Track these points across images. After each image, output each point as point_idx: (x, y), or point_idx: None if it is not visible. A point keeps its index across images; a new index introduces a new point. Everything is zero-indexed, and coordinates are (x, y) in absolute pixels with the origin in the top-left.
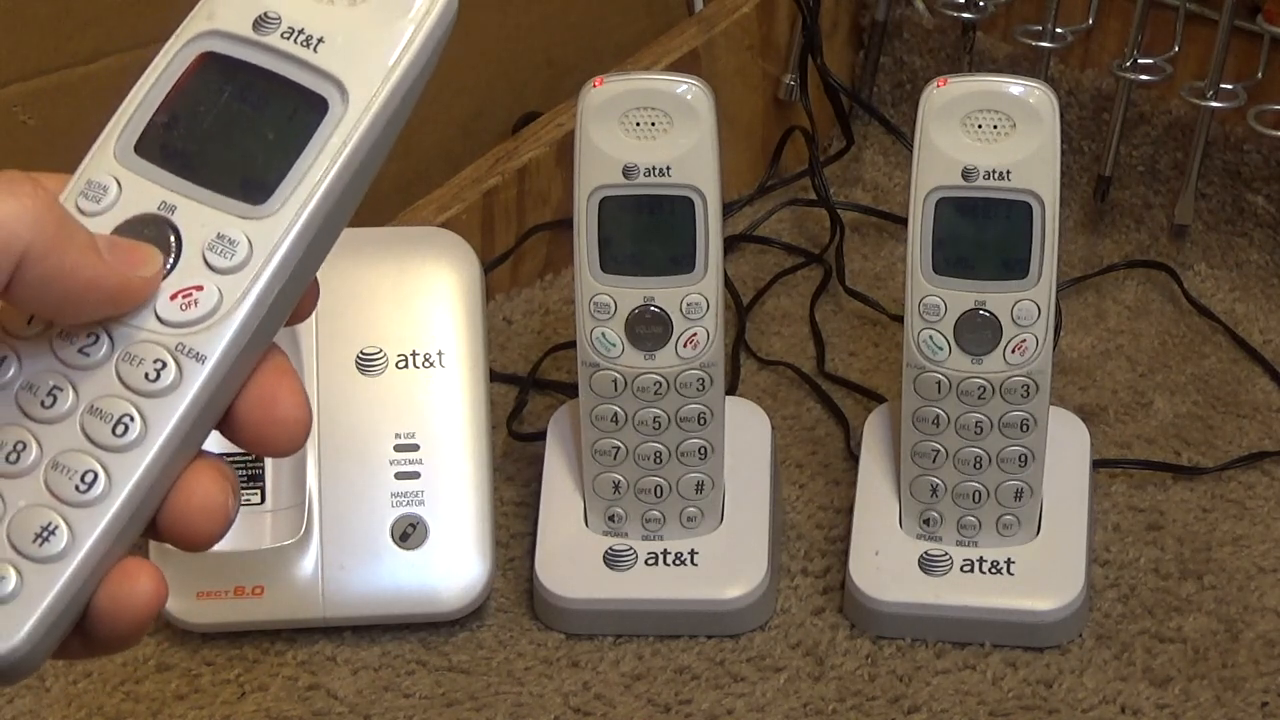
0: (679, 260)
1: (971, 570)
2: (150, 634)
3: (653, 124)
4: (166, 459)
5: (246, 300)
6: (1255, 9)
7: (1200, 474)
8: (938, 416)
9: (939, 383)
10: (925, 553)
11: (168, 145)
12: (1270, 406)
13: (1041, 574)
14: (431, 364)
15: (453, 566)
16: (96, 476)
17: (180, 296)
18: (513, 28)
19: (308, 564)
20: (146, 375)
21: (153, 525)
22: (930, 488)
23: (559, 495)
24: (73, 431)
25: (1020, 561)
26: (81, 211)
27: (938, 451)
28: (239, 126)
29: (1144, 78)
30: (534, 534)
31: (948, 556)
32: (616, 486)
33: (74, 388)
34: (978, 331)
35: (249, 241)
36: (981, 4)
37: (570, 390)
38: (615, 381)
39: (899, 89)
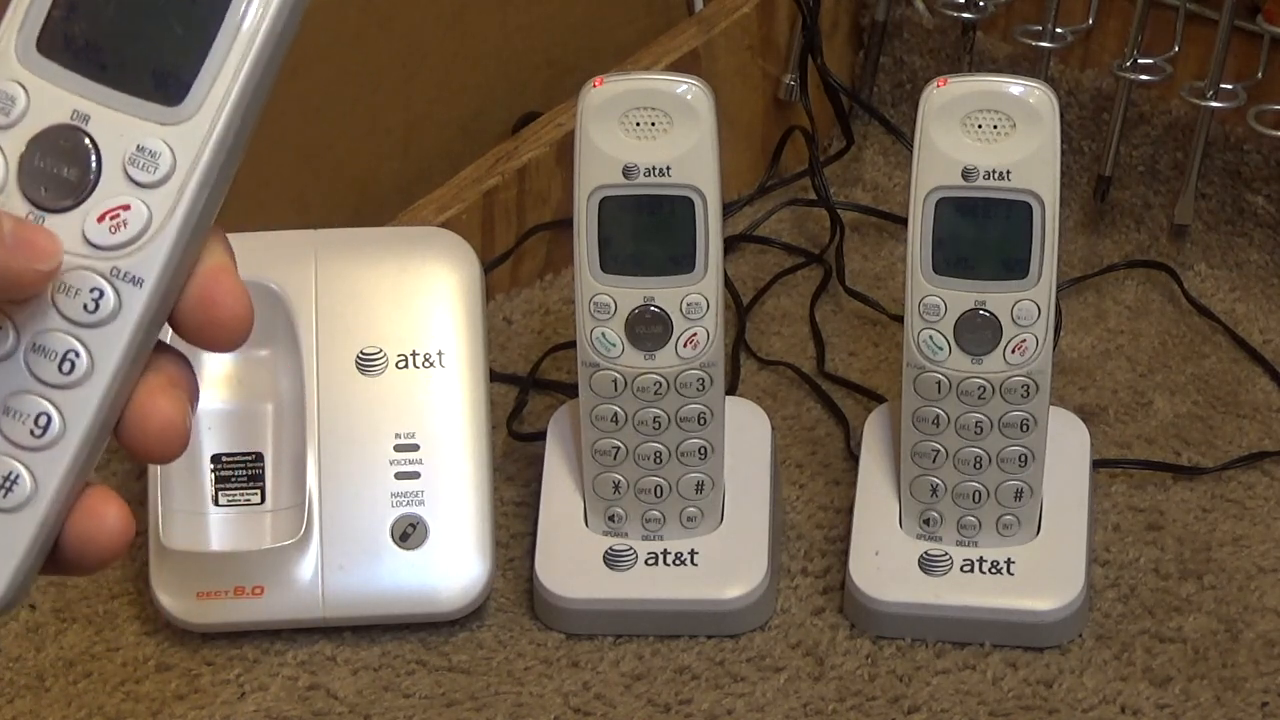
0: (679, 260)
1: (971, 570)
2: (150, 634)
3: (653, 124)
4: (117, 388)
5: (176, 215)
6: (1255, 9)
7: (1200, 474)
8: (938, 416)
9: (939, 383)
10: (925, 553)
11: (71, 41)
12: (1270, 406)
13: (1041, 574)
14: (431, 364)
15: (453, 566)
16: (50, 419)
17: (108, 218)
18: (513, 28)
19: (307, 564)
20: (85, 306)
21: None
22: (930, 488)
23: (559, 495)
24: (19, 373)
25: (1020, 561)
26: None
27: (938, 451)
28: (144, 15)
29: (1144, 78)
30: (534, 534)
31: (948, 556)
32: (616, 486)
33: (12, 325)
34: (978, 331)
35: (171, 152)
36: (981, 4)
37: (570, 390)
38: (615, 381)
39: (899, 89)
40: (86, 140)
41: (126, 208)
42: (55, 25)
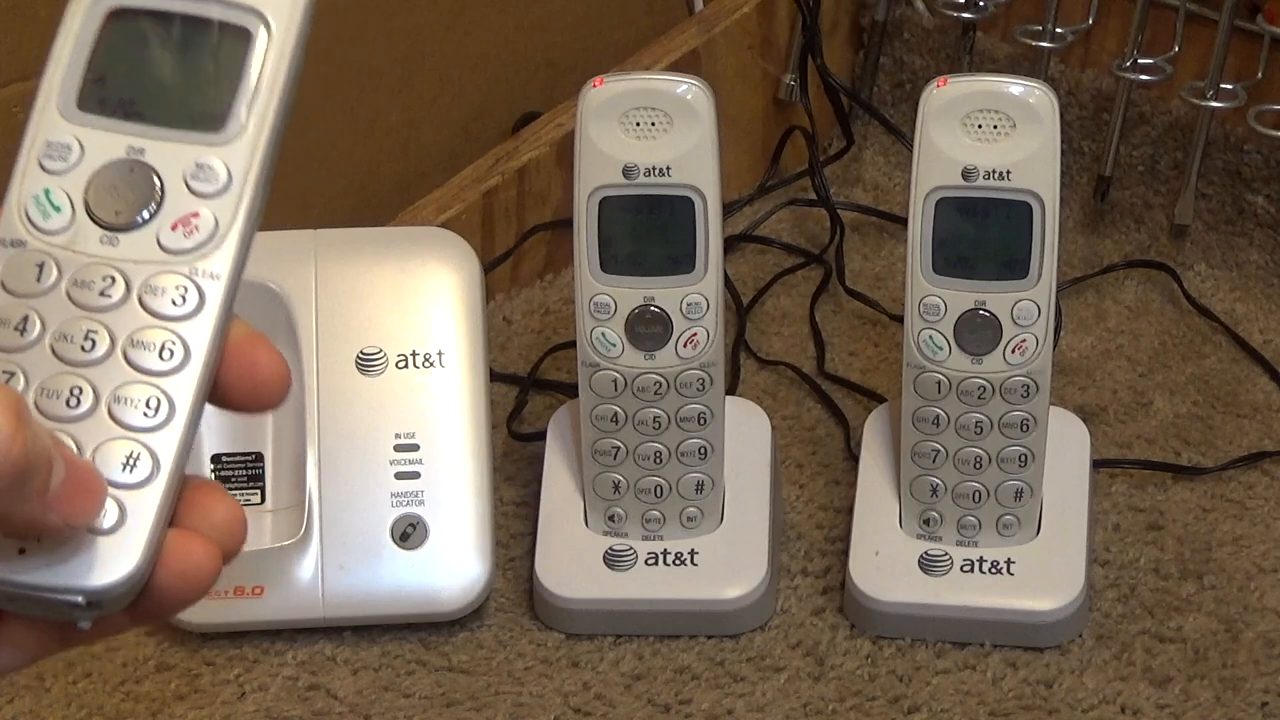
0: (679, 260)
1: (971, 570)
2: (150, 634)
3: (653, 124)
4: (209, 373)
5: (239, 218)
6: (1255, 9)
7: (1200, 474)
8: (938, 416)
9: (939, 383)
10: (925, 553)
11: (109, 97)
12: (1270, 406)
13: (1041, 574)
14: (431, 364)
15: (453, 566)
16: (159, 401)
17: (180, 226)
18: (513, 28)
19: (307, 564)
20: (173, 302)
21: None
22: (930, 488)
23: (559, 495)
24: (121, 368)
25: (1020, 561)
26: (49, 170)
27: (938, 451)
28: (179, 64)
29: (1144, 78)
30: (534, 534)
31: (948, 556)
32: (616, 486)
33: (107, 329)
34: (978, 331)
35: (225, 166)
36: (981, 4)
37: (570, 390)
38: (615, 381)
39: (899, 89)
40: (147, 167)
41: (196, 215)
42: (91, 89)
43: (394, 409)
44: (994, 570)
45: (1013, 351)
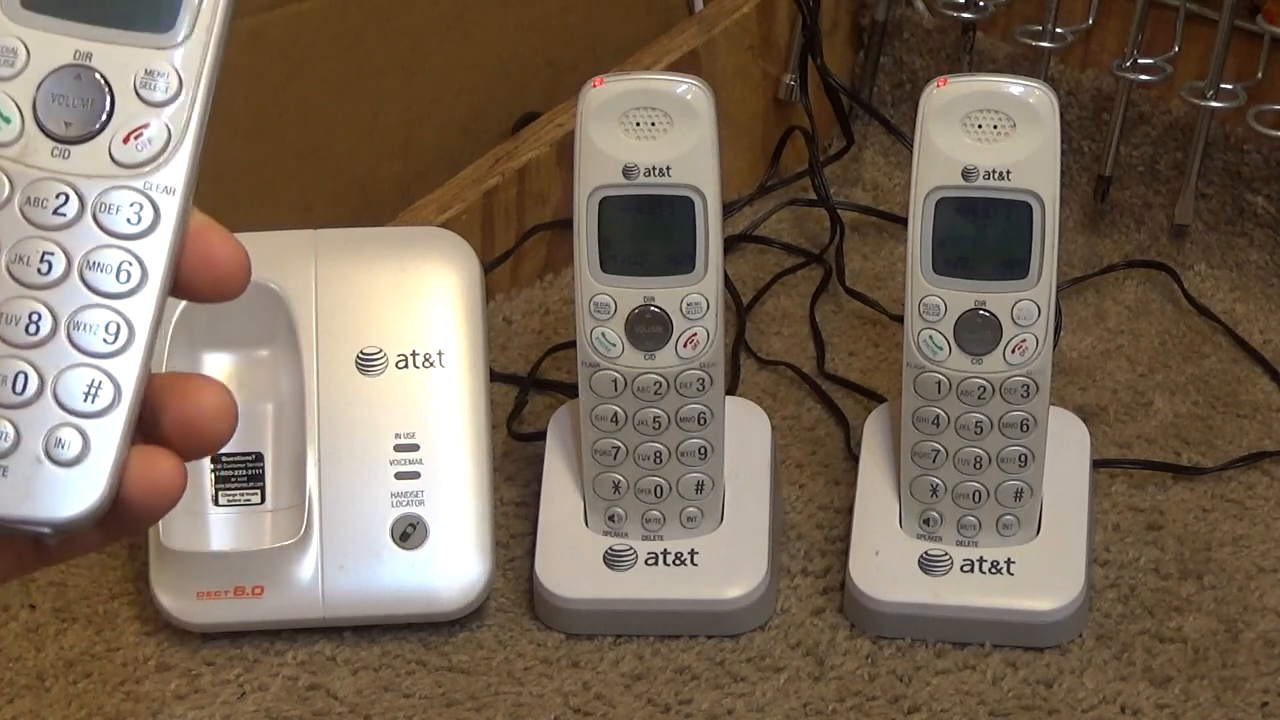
0: (679, 260)
1: (971, 570)
2: (150, 634)
3: (653, 124)
4: (166, 292)
5: (191, 126)
6: (1255, 9)
7: (1200, 474)
8: (938, 416)
9: (939, 383)
10: (925, 553)
11: None
12: (1270, 406)
13: (1041, 574)
14: (431, 364)
15: (453, 566)
16: (119, 326)
17: (131, 138)
18: (513, 28)
19: (307, 564)
20: (128, 220)
21: (159, 429)
22: (930, 488)
23: (559, 495)
24: (79, 290)
25: (1020, 561)
26: None
27: (938, 451)
28: None
29: (1144, 78)
30: (534, 534)
31: (948, 556)
32: (616, 486)
33: (62, 249)
34: (978, 331)
35: (176, 71)
36: (981, 4)
37: (570, 390)
38: (615, 381)
39: (899, 89)
40: (95, 74)
41: (147, 126)
42: None
43: (394, 409)
44: (994, 570)
45: (1013, 351)
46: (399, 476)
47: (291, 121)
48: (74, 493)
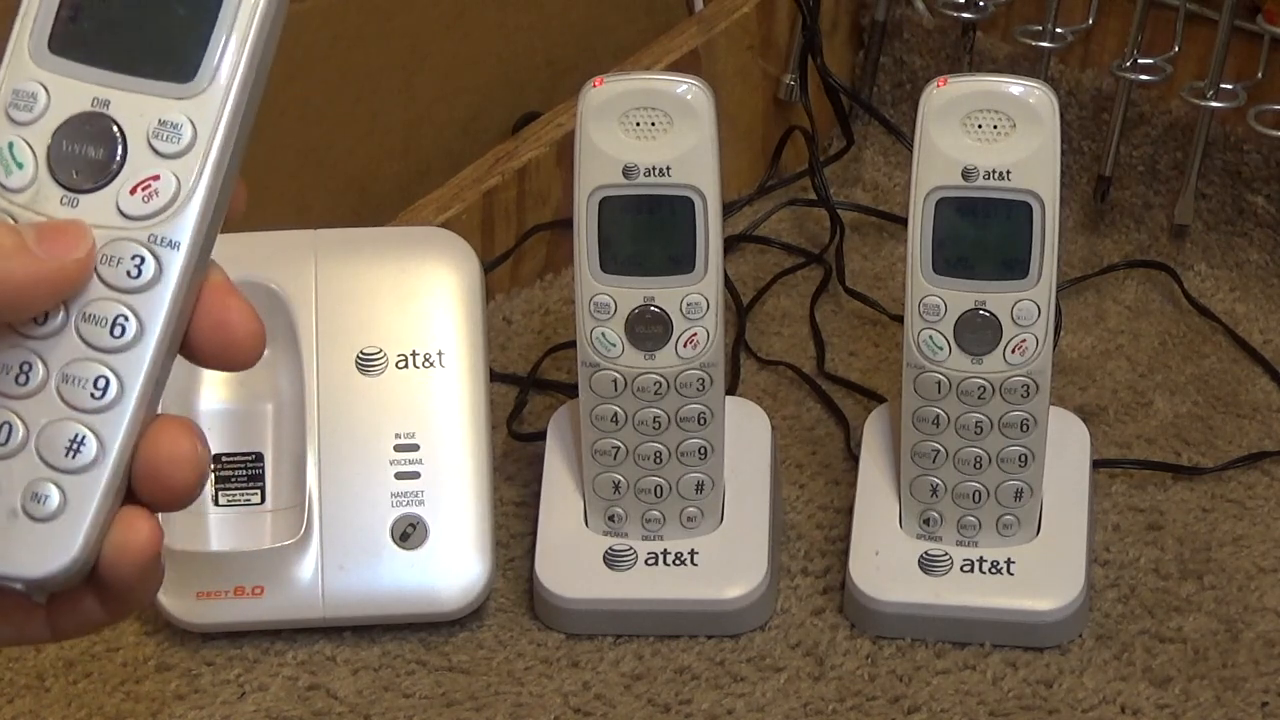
0: (679, 260)
1: (971, 570)
2: (150, 634)
3: (653, 124)
4: (164, 351)
5: (203, 180)
6: (1255, 9)
7: (1200, 474)
8: (938, 416)
9: (939, 383)
10: (925, 553)
11: (81, 38)
12: (1270, 406)
13: (1041, 574)
14: (431, 364)
15: (453, 566)
16: (108, 381)
17: (140, 189)
18: (513, 28)
19: (307, 564)
20: (128, 273)
21: (130, 490)
22: (930, 488)
23: (559, 495)
24: (73, 342)
25: (1020, 561)
26: (14, 121)
27: (938, 451)
28: (145, 9)
29: (1144, 78)
30: (534, 534)
31: (948, 556)
32: (616, 486)
33: (61, 301)
34: (978, 331)
35: (191, 123)
36: (981, 4)
37: (570, 390)
38: (615, 381)
39: (899, 89)
40: (110, 122)
41: (156, 178)
42: (64, 24)
43: (394, 409)
44: (994, 570)
45: (1013, 351)
46: (399, 476)
47: (291, 121)
48: (48, 549)
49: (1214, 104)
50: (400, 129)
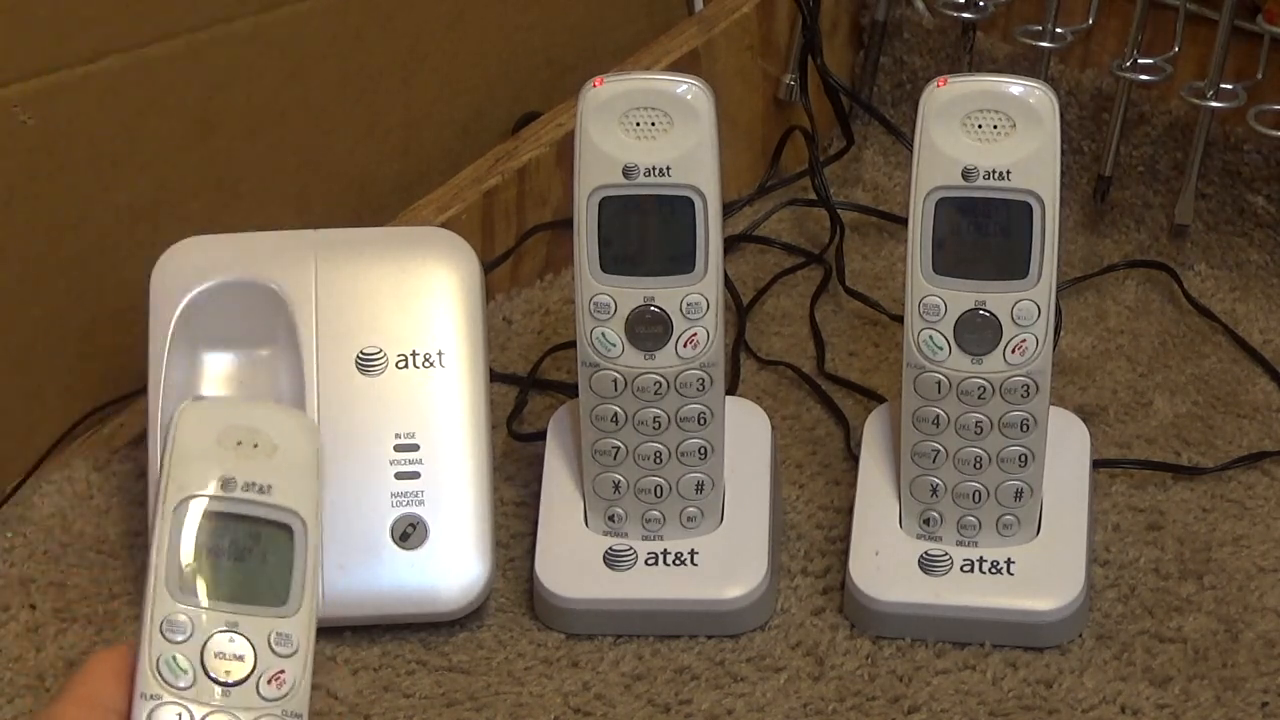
0: (679, 260)
1: (971, 570)
2: None
3: (653, 124)
4: None
5: (306, 670)
6: (1255, 9)
7: (1200, 474)
8: (938, 416)
9: (939, 383)
10: (925, 553)
11: (202, 582)
12: (1270, 406)
13: (1041, 574)
14: (431, 364)
15: (453, 566)
16: None
17: (273, 680)
18: (513, 28)
19: None
20: None
21: None
22: (930, 488)
23: (559, 495)
24: None
25: (1020, 561)
26: (169, 640)
27: (938, 451)
28: (241, 562)
29: (1144, 78)
30: (534, 534)
31: (948, 556)
32: (616, 486)
33: None
34: (978, 331)
35: (293, 634)
36: (981, 4)
37: (570, 390)
38: (615, 381)
39: (899, 89)
40: (243, 640)
41: (283, 671)
42: (188, 574)
43: (394, 409)
44: (994, 570)
45: (1013, 351)
46: (399, 476)
47: (291, 121)
48: None
49: (1214, 104)
50: (400, 129)
